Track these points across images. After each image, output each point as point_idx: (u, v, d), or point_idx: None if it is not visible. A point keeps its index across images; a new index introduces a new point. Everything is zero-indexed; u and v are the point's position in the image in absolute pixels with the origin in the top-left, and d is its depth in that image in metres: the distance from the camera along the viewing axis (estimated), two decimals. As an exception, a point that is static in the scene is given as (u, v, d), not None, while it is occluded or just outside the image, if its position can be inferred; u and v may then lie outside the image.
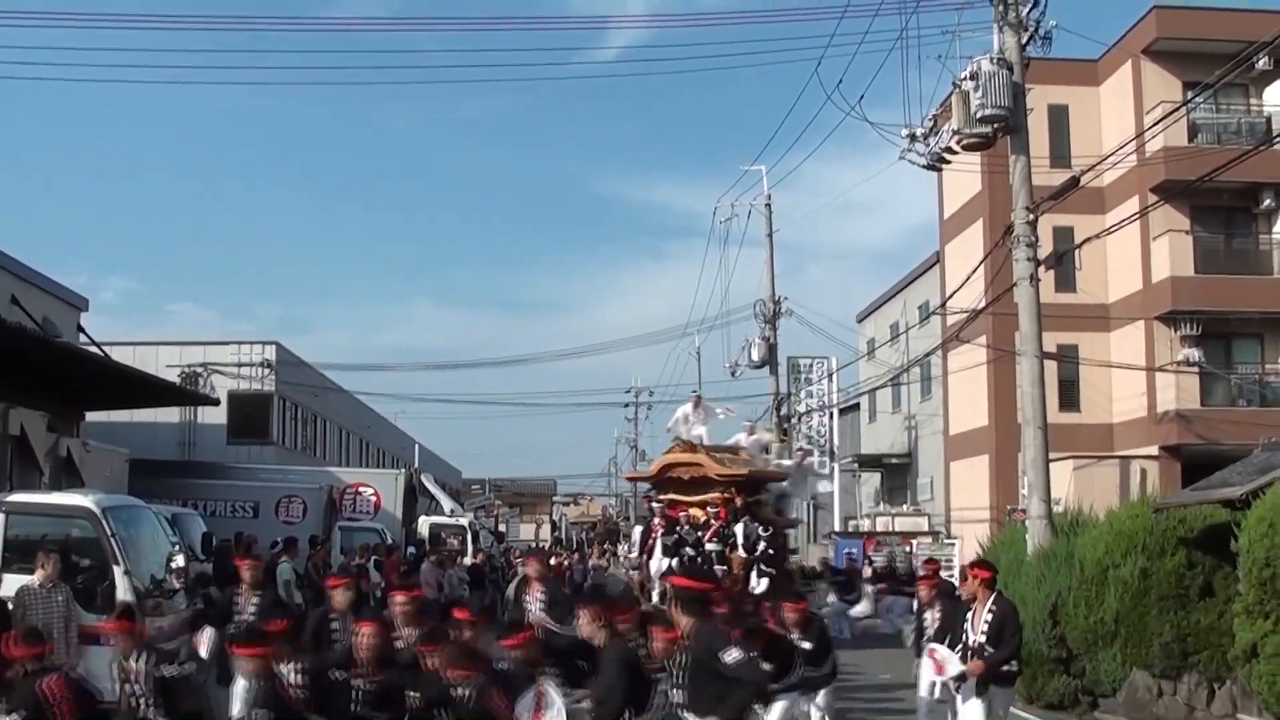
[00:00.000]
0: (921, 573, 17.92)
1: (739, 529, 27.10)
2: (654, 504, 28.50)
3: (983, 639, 12.64)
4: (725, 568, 25.35)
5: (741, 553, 26.73)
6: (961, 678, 12.70)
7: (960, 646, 12.92)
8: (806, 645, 13.81)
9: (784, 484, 30.77)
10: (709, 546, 26.66)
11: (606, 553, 45.00)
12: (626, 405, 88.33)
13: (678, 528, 27.22)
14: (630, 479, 33.19)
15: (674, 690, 9.89)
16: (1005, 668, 12.82)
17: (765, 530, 27.71)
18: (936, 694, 13.77)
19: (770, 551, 27.64)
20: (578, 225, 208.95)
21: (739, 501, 27.73)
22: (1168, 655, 18.15)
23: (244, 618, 13.66)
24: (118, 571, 16.00)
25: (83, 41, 51.57)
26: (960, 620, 13.25)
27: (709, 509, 27.46)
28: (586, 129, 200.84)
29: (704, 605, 10.51)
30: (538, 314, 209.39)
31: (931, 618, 15.13)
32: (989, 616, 12.71)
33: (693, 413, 30.24)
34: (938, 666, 13.23)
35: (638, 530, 28.65)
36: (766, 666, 11.48)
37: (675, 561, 25.15)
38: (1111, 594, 18.59)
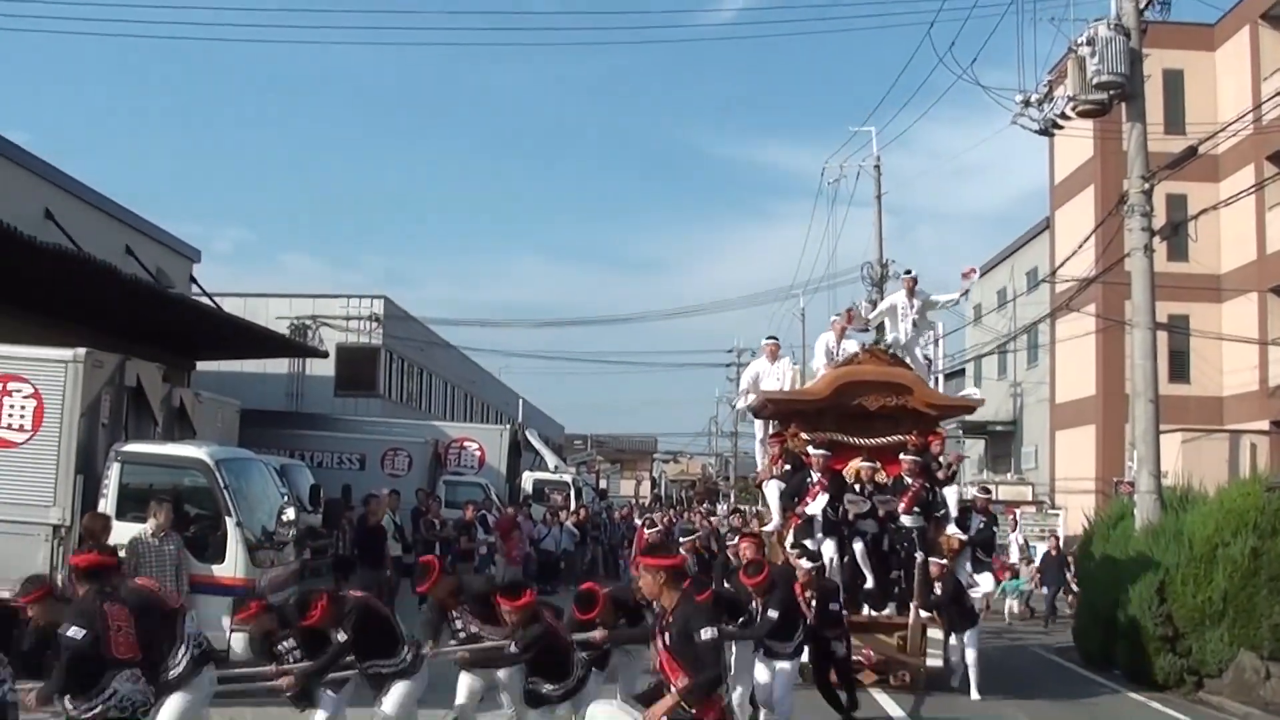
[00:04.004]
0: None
1: (950, 494, 18.72)
2: (810, 447, 18.13)
3: None
4: (925, 555, 17.91)
5: (955, 531, 18.66)
6: None
7: None
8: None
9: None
10: (905, 521, 17.94)
11: (706, 513, 44.95)
12: (729, 365, 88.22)
13: (850, 489, 18.12)
14: (766, 407, 20.09)
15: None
16: None
17: (985, 494, 20.96)
18: None
19: (993, 531, 20.48)
20: (687, 184, 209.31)
21: (937, 447, 18.92)
22: (1277, 637, 17.94)
23: None
24: (229, 523, 16.23)
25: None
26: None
27: (906, 459, 18.09)
28: (699, 88, 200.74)
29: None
30: (643, 272, 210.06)
31: None
32: None
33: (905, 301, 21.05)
34: None
35: (775, 488, 18.50)
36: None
37: (854, 545, 17.81)
38: (1220, 573, 18.37)
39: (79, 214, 28.14)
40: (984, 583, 19.97)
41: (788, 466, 18.40)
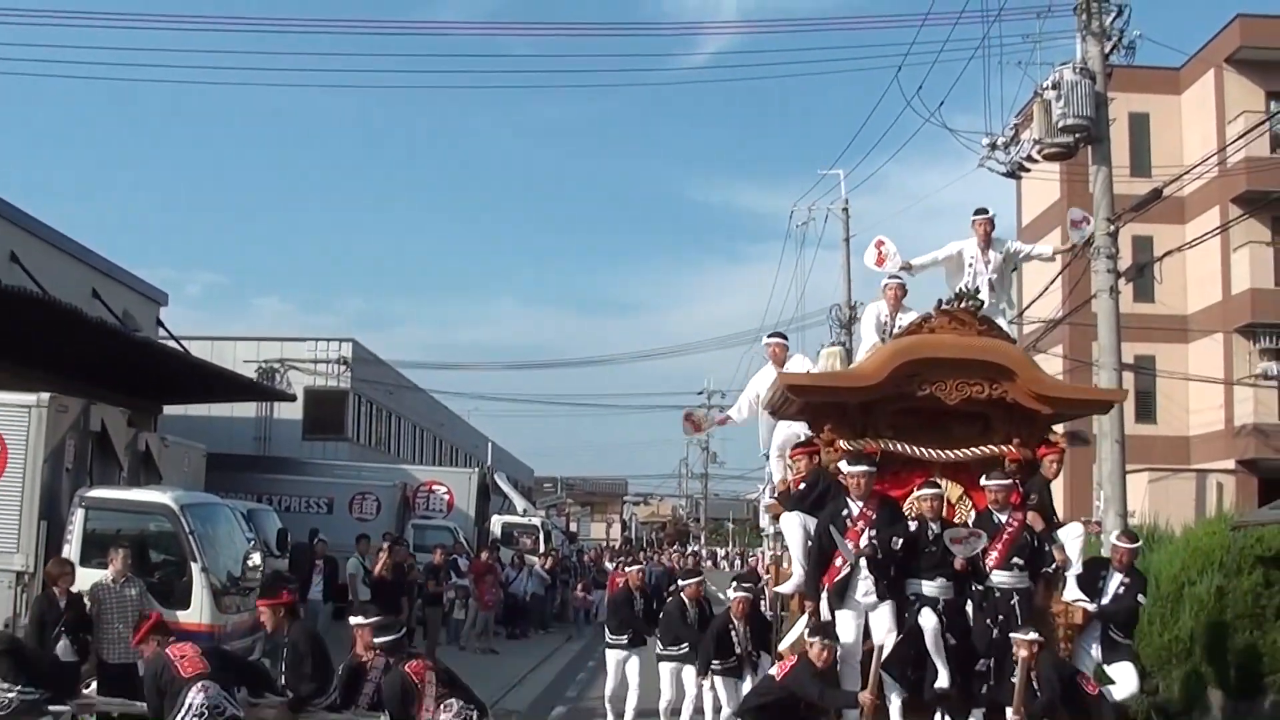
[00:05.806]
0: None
1: (1072, 538, 12.04)
2: (844, 462, 11.80)
3: None
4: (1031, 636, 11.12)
5: (1078, 596, 12.40)
6: None
7: None
8: None
9: None
10: (998, 578, 11.46)
11: (677, 554, 44.78)
12: (699, 407, 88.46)
13: (908, 528, 11.42)
14: (788, 403, 12.83)
15: None
16: None
17: (1130, 542, 13.39)
18: None
19: (1138, 600, 13.16)
20: (659, 226, 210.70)
21: (1053, 467, 12.26)
22: (1244, 676, 17.95)
23: None
24: (195, 568, 16.19)
25: (171, 42, 51.98)
26: None
27: (992, 485, 11.67)
28: (672, 133, 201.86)
29: None
30: (616, 313, 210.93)
31: None
32: None
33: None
34: None
35: (797, 526, 11.81)
36: None
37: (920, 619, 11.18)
38: (1186, 612, 18.38)
39: (45, 257, 27.98)
40: (1123, 679, 12.89)
41: (803, 485, 12.45)
